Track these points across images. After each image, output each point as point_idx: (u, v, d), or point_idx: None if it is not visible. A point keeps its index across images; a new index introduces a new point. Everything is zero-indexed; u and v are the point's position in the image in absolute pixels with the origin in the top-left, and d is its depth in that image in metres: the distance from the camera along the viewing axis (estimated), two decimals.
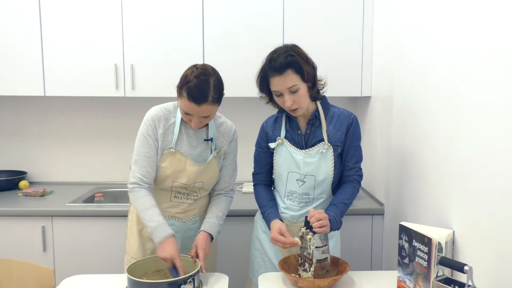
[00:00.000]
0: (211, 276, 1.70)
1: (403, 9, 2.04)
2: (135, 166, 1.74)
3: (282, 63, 1.62)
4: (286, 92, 1.65)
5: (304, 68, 1.65)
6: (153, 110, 1.78)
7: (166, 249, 1.60)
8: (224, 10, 2.55)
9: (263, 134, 1.88)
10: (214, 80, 1.66)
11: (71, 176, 3.02)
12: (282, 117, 1.83)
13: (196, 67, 1.68)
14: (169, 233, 1.64)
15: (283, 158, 1.80)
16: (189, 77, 1.64)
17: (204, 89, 1.63)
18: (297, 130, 1.79)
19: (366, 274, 1.75)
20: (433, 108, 1.71)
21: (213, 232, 1.78)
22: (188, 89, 1.62)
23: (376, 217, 2.44)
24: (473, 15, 1.41)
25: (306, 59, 1.68)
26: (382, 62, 2.43)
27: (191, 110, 1.65)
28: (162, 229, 1.64)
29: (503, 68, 1.25)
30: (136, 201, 1.71)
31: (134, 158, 1.75)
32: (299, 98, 1.66)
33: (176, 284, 1.47)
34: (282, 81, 1.64)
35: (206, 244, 1.72)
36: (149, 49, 2.57)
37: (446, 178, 1.59)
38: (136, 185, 1.72)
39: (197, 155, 1.79)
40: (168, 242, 1.62)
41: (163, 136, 1.76)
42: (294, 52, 1.65)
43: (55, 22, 2.54)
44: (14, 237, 2.40)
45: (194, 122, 1.69)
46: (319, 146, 1.76)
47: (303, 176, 1.78)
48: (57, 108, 2.97)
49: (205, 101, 1.63)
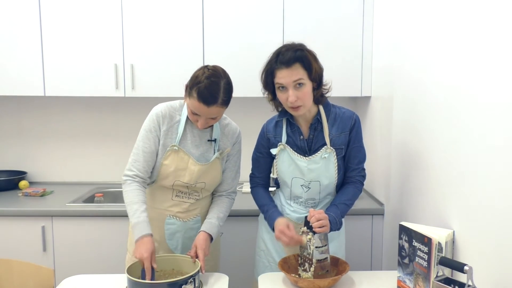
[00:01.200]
0: (211, 276, 1.70)
1: (403, 9, 2.04)
2: (132, 160, 1.76)
3: (291, 57, 1.61)
4: (291, 87, 1.62)
5: (313, 66, 1.63)
6: (159, 107, 1.78)
7: (138, 249, 1.59)
8: (224, 10, 2.55)
9: (263, 139, 1.85)
10: (224, 83, 1.66)
11: (71, 176, 3.02)
12: (282, 122, 1.80)
13: (208, 68, 1.68)
14: (146, 233, 1.61)
15: (285, 164, 1.79)
16: (200, 77, 1.64)
17: (214, 90, 1.63)
18: (300, 135, 1.77)
19: (366, 274, 1.75)
20: (433, 108, 1.71)
21: (213, 232, 1.78)
22: (198, 89, 1.62)
23: (376, 217, 2.44)
24: (473, 15, 1.41)
25: (315, 58, 1.66)
26: (382, 62, 2.43)
27: (200, 110, 1.65)
28: (141, 226, 1.62)
29: (503, 68, 1.25)
30: (125, 193, 1.72)
31: (133, 151, 1.77)
32: (304, 95, 1.63)
33: (176, 284, 1.47)
34: (289, 74, 1.61)
35: (205, 245, 1.72)
36: (149, 49, 2.56)
37: (446, 178, 1.59)
38: (129, 178, 1.73)
39: (200, 154, 1.79)
40: (143, 242, 1.59)
41: (166, 133, 1.75)
42: (303, 48, 1.65)
43: (55, 22, 2.54)
44: (14, 237, 2.40)
45: (200, 123, 1.69)
46: (322, 151, 1.75)
47: (308, 183, 1.77)
48: (57, 108, 2.97)
49: (214, 102, 1.64)
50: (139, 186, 1.72)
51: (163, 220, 1.81)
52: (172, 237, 1.82)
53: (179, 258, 1.71)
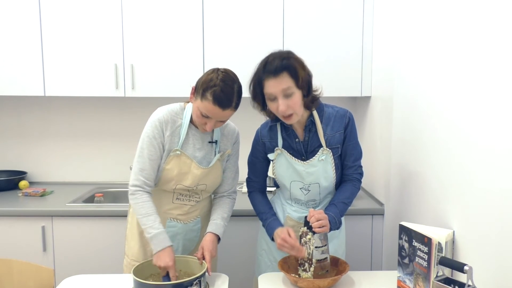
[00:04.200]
0: (211, 276, 1.70)
1: (403, 9, 2.04)
2: (138, 169, 1.71)
3: (277, 66, 1.59)
4: (280, 96, 1.60)
5: (300, 74, 1.61)
6: (160, 112, 1.75)
7: (162, 258, 1.61)
8: (224, 10, 2.55)
9: (259, 144, 1.84)
10: (237, 86, 1.67)
11: (71, 176, 3.02)
12: (276, 126, 1.79)
13: (220, 71, 1.67)
14: (169, 244, 1.64)
15: (283, 168, 1.79)
16: (215, 80, 1.62)
17: (230, 93, 1.63)
18: (295, 138, 1.76)
19: (366, 274, 1.75)
20: (433, 108, 1.71)
21: (219, 233, 1.77)
22: (214, 92, 1.61)
23: (376, 217, 2.44)
24: (473, 15, 1.41)
25: (302, 65, 1.64)
26: (382, 62, 2.43)
27: (214, 113, 1.64)
28: (163, 237, 1.64)
29: (504, 68, 1.25)
30: (138, 205, 1.69)
31: (137, 159, 1.72)
32: (294, 103, 1.62)
33: (182, 285, 1.47)
34: (277, 83, 1.59)
35: (212, 246, 1.71)
36: (149, 49, 2.56)
37: (446, 178, 1.59)
38: (140, 189, 1.70)
39: (202, 157, 1.78)
40: (166, 252, 1.62)
41: (170, 138, 1.73)
42: (290, 56, 1.63)
43: (55, 22, 2.54)
44: (14, 237, 2.40)
45: (209, 125, 1.68)
46: (319, 154, 1.74)
47: (307, 185, 1.78)
48: (57, 108, 2.97)
49: (229, 106, 1.63)
50: (150, 197, 1.71)
51: (164, 223, 1.79)
52: (173, 239, 1.81)
53: (189, 259, 1.71)
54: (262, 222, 1.84)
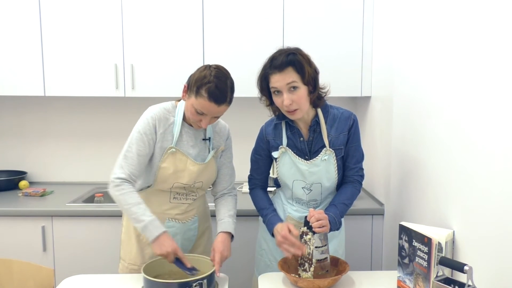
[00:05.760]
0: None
1: (403, 9, 2.04)
2: (125, 162, 1.70)
3: (283, 61, 1.62)
4: (285, 90, 1.63)
5: (306, 69, 1.63)
6: (153, 110, 1.76)
7: (165, 244, 1.60)
8: (224, 10, 2.55)
9: (263, 142, 1.85)
10: (230, 81, 1.68)
11: (71, 176, 3.02)
12: (281, 125, 1.80)
13: (213, 67, 1.67)
14: (164, 229, 1.63)
15: (287, 167, 1.79)
16: (208, 77, 1.63)
17: (224, 89, 1.64)
18: (300, 137, 1.77)
19: (366, 274, 1.75)
20: (433, 108, 1.71)
21: (231, 229, 1.77)
22: (208, 89, 1.61)
23: (376, 217, 2.44)
24: (473, 15, 1.41)
25: (309, 61, 1.66)
26: (382, 62, 2.43)
27: (209, 110, 1.64)
28: (157, 223, 1.63)
29: (504, 68, 1.25)
30: (125, 195, 1.66)
31: (125, 153, 1.72)
32: (299, 98, 1.64)
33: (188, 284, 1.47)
34: (282, 78, 1.62)
35: (224, 246, 1.71)
36: (149, 49, 2.56)
37: (446, 178, 1.59)
38: (125, 181, 1.68)
39: (196, 154, 1.79)
40: (164, 237, 1.61)
41: (163, 136, 1.74)
42: (296, 52, 1.65)
43: (55, 22, 2.54)
44: (14, 237, 2.40)
45: (205, 122, 1.68)
46: (322, 153, 1.75)
47: (309, 185, 1.78)
48: (57, 108, 2.97)
49: (224, 101, 1.64)
50: (135, 189, 1.70)
51: (163, 223, 1.79)
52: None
53: (201, 259, 1.70)
54: (262, 218, 1.84)
